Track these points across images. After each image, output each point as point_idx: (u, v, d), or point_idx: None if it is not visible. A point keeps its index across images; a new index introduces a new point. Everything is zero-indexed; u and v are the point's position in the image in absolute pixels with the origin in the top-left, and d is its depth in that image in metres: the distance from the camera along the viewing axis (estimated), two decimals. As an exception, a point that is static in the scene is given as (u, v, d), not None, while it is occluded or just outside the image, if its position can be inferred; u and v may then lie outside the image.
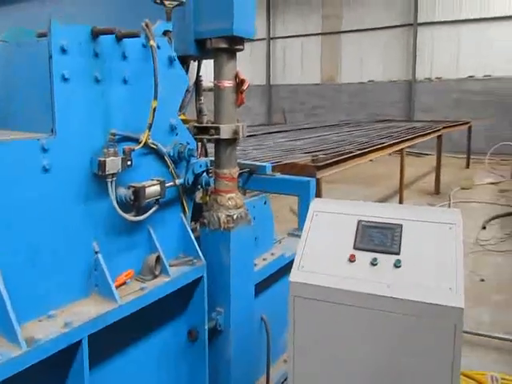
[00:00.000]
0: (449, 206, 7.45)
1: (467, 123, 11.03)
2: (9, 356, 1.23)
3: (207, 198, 2.14)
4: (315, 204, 1.97)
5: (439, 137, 8.37)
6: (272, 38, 17.30)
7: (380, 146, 5.30)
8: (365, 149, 4.93)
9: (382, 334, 1.62)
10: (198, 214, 2.15)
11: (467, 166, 11.40)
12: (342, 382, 1.71)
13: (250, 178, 2.74)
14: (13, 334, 1.27)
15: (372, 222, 1.81)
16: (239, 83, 2.12)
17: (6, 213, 1.33)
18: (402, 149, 6.16)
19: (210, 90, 2.25)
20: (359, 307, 1.64)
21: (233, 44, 2.03)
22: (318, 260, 1.78)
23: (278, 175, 3.05)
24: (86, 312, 1.47)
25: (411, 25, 14.57)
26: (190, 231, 1.97)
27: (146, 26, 1.71)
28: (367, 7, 15.28)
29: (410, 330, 1.58)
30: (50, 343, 1.32)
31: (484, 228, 6.18)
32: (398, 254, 1.69)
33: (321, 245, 1.82)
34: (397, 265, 1.66)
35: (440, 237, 1.71)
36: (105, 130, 1.60)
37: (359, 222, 1.82)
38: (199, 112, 2.28)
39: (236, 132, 2.10)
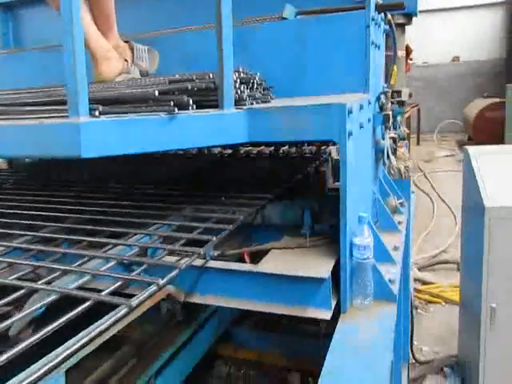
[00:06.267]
0: (424, 176, 8.44)
1: (417, 105, 12.21)
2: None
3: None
4: (472, 151, 2.46)
5: (407, 118, 9.28)
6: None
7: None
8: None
9: None
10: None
11: (417, 143, 12.65)
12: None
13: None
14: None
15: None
16: (408, 53, 2.54)
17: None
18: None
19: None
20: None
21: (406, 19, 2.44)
22: (499, 190, 2.20)
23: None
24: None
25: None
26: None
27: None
28: None
29: None
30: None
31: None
32: None
33: (494, 179, 2.25)
34: None
35: None
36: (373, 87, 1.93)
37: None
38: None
39: (411, 94, 2.52)
